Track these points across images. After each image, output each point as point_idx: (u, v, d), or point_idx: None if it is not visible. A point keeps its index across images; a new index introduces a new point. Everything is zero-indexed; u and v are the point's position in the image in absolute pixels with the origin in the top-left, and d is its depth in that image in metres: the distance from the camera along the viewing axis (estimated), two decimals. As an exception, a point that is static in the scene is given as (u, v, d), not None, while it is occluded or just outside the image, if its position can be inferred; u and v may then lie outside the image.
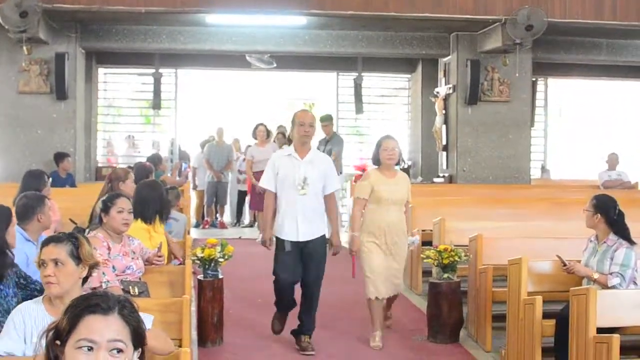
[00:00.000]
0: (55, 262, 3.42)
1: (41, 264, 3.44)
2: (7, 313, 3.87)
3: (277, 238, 6.09)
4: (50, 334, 1.99)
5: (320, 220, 6.11)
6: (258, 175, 11.08)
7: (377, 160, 6.46)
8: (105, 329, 1.94)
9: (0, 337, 3.30)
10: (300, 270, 6.07)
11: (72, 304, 2.01)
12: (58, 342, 1.96)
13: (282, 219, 6.04)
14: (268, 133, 12.26)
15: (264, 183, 6.12)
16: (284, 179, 6.00)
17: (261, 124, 12.28)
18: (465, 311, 6.69)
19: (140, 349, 2.05)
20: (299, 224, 5.98)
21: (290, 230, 6.00)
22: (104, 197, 5.20)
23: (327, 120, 11.18)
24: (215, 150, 13.38)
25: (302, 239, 6.00)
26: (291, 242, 6.00)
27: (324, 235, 6.13)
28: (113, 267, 4.83)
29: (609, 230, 5.44)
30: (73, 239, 3.53)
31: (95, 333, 1.93)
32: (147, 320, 3.32)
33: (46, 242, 3.53)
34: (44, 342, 2.02)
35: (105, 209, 5.02)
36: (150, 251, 5.43)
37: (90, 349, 1.92)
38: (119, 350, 1.95)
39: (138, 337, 2.01)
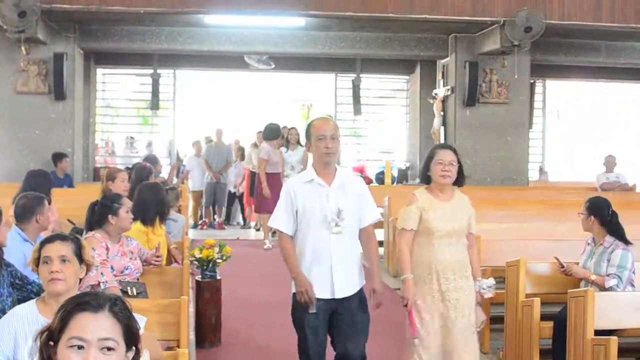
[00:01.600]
0: (62, 259, 3.41)
1: (44, 261, 3.41)
2: (1, 313, 3.87)
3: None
4: (44, 335, 1.98)
5: (359, 266, 4.52)
6: (274, 177, 10.79)
7: (426, 177, 4.75)
8: (95, 327, 1.93)
9: None
10: (327, 335, 4.50)
11: (63, 303, 2.00)
12: (51, 343, 1.96)
13: (308, 268, 4.37)
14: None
15: (276, 223, 4.46)
16: (309, 215, 4.37)
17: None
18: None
19: (134, 348, 2.03)
20: (335, 274, 4.35)
21: (322, 284, 4.35)
22: (105, 199, 5.17)
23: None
24: (214, 151, 13.32)
25: (339, 295, 4.37)
26: (322, 299, 4.36)
27: (362, 289, 4.54)
28: (111, 268, 4.82)
29: (604, 232, 5.46)
30: (76, 239, 3.54)
31: (85, 331, 1.92)
32: (140, 321, 3.32)
33: (51, 240, 3.50)
34: (38, 343, 2.01)
35: (114, 210, 5.00)
36: (149, 252, 5.43)
37: (82, 347, 1.92)
38: (110, 349, 1.94)
39: (130, 336, 2.00)
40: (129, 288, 4.84)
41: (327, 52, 12.62)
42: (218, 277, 6.33)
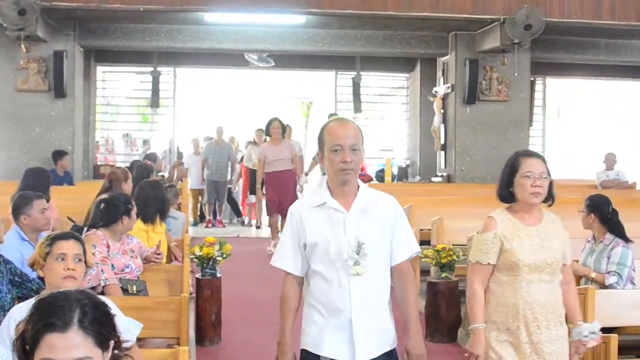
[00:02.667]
0: (77, 257, 3.48)
1: (59, 257, 3.44)
2: (1, 309, 3.88)
3: (308, 354, 3.29)
4: (18, 342, 1.96)
5: (389, 318, 3.33)
6: (271, 176, 10.21)
7: (507, 194, 3.75)
8: (66, 347, 1.89)
9: None
10: None
11: (32, 313, 1.96)
12: (27, 347, 1.94)
13: (322, 322, 3.26)
14: (284, 129, 10.47)
15: (280, 261, 3.35)
16: (320, 251, 3.24)
17: (275, 119, 10.33)
18: (463, 311, 6.69)
19: (112, 343, 2.01)
20: (355, 331, 3.19)
21: (338, 342, 3.22)
22: (117, 200, 5.15)
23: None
24: (214, 150, 13.19)
25: (360, 357, 3.19)
26: None
27: (395, 349, 3.33)
28: (112, 266, 4.83)
29: (604, 230, 5.47)
30: (82, 241, 3.60)
31: (57, 353, 1.89)
32: (135, 328, 3.31)
33: (65, 237, 3.54)
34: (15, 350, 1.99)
35: (128, 211, 5.05)
36: (149, 249, 5.44)
37: None
38: None
39: (104, 341, 1.97)
40: (129, 286, 4.86)
41: (327, 49, 12.62)
42: (218, 275, 6.34)
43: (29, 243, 5.02)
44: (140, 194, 6.02)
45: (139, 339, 3.57)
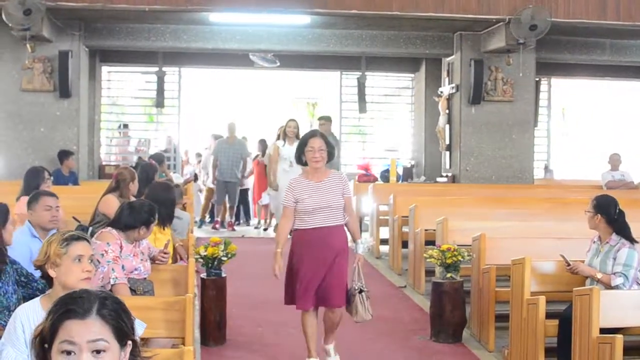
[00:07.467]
0: (90, 259, 3.55)
1: (77, 259, 3.51)
2: (7, 310, 3.90)
3: None
4: (37, 340, 1.99)
5: None
6: (309, 236, 5.20)
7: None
8: (84, 332, 1.93)
9: (3, 345, 3.30)
10: None
11: (52, 308, 2.00)
12: (46, 346, 1.97)
13: None
14: (332, 153, 6.96)
15: None
16: None
17: (316, 135, 6.61)
18: (468, 311, 6.69)
19: (131, 342, 2.03)
20: None
21: None
22: (142, 209, 5.14)
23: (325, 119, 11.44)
24: (225, 148, 12.65)
25: None
26: None
27: None
28: (122, 267, 4.85)
29: (610, 230, 5.45)
30: (90, 241, 3.72)
31: (74, 336, 1.93)
32: (139, 328, 3.34)
33: (79, 238, 3.59)
34: (33, 349, 2.02)
35: (149, 223, 5.08)
36: (156, 250, 5.46)
37: (73, 352, 1.93)
38: (102, 350, 1.94)
39: (122, 334, 2.00)
40: (137, 286, 4.89)
41: (332, 50, 12.60)
42: (223, 275, 6.35)
43: (39, 240, 5.03)
44: (152, 196, 6.01)
45: (143, 339, 3.58)
